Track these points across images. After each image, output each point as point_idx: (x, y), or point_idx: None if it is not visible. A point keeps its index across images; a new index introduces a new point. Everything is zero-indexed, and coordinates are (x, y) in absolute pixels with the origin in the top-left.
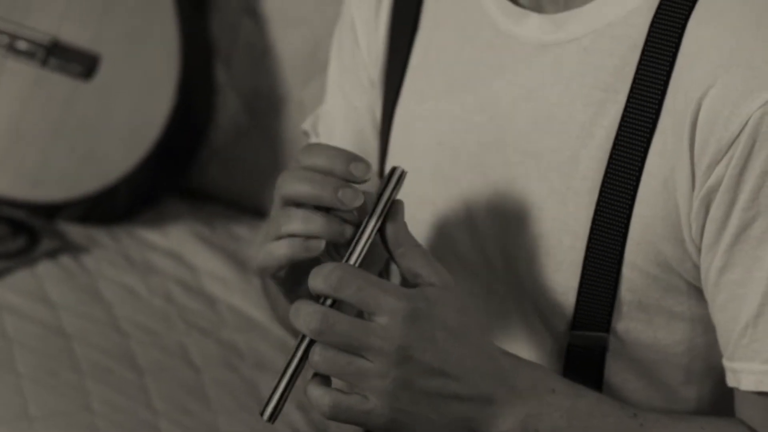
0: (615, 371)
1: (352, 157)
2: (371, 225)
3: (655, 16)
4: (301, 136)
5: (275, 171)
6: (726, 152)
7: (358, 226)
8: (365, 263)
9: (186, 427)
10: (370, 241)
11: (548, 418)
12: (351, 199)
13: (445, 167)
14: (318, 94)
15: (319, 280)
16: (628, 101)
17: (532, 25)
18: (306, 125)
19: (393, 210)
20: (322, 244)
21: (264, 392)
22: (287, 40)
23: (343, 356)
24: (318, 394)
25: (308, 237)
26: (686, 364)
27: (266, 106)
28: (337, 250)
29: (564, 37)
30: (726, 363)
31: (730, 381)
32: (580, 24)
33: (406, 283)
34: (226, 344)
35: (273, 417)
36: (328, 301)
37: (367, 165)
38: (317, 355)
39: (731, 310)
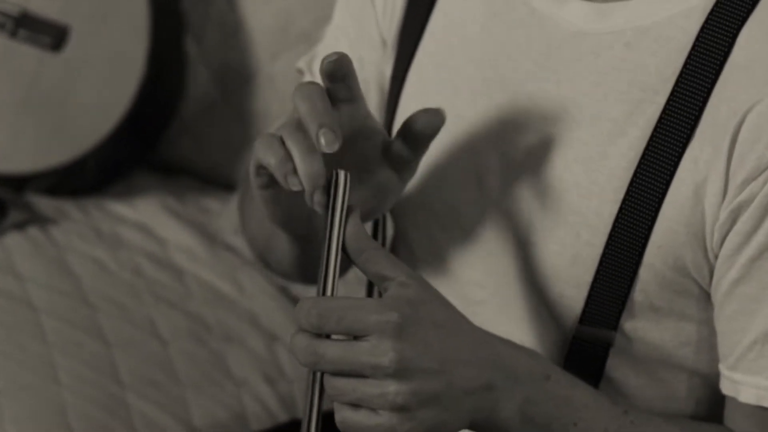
0: (616, 367)
1: (324, 122)
2: (334, 241)
3: (706, 22)
4: (272, 109)
5: (245, 144)
6: (764, 171)
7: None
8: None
9: (153, 399)
10: (338, 257)
11: (544, 406)
12: (329, 142)
13: (460, 140)
14: (288, 68)
15: (302, 320)
16: (667, 104)
17: (574, 10)
18: (301, 63)
19: (348, 217)
20: (297, 183)
21: (232, 367)
22: (258, 14)
23: (346, 382)
24: (335, 409)
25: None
26: (689, 365)
27: (237, 80)
28: None
29: (605, 28)
30: (725, 371)
31: (726, 389)
32: (624, 17)
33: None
34: (194, 317)
35: None
36: None
37: (336, 136)
38: (328, 387)
39: (740, 322)
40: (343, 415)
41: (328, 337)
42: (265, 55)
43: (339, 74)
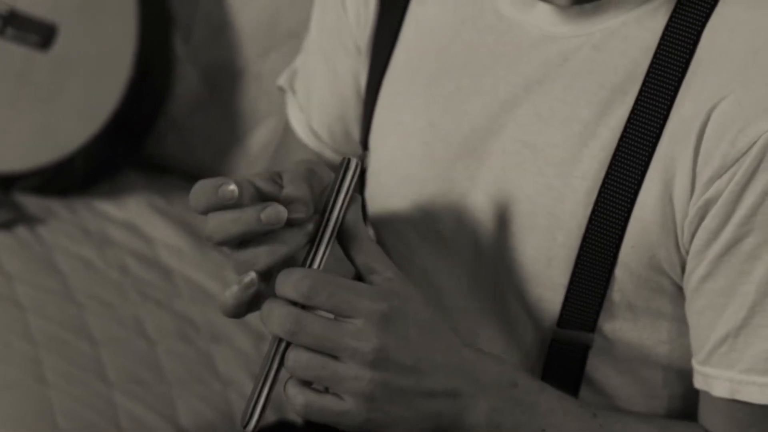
0: (597, 367)
1: (217, 182)
2: (332, 222)
3: (670, 20)
4: (260, 107)
5: (233, 143)
6: (730, 167)
7: (316, 226)
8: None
9: (140, 398)
10: (333, 238)
11: (510, 413)
12: (276, 216)
13: (436, 149)
14: (277, 65)
15: (288, 287)
16: (636, 104)
17: (540, 14)
18: (282, 81)
19: (350, 204)
20: (254, 276)
21: (219, 365)
22: (246, 12)
23: (318, 359)
24: (293, 393)
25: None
26: (668, 363)
27: (224, 79)
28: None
29: (573, 31)
30: (697, 366)
31: (699, 384)
32: (591, 20)
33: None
34: (181, 316)
35: (256, 428)
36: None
37: (230, 181)
38: (291, 359)
39: (709, 317)
40: (307, 399)
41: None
42: (253, 53)
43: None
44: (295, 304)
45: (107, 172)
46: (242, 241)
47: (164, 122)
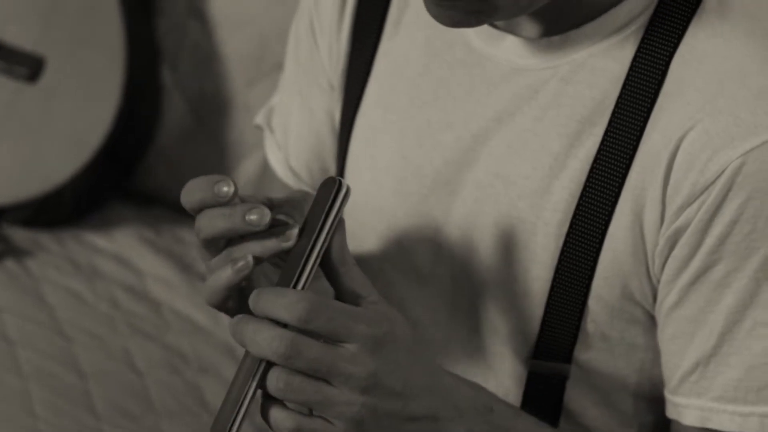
0: (575, 398)
1: (215, 180)
2: (319, 244)
3: (638, 51)
4: (248, 138)
5: (222, 173)
6: (699, 196)
7: (302, 247)
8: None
9: (129, 430)
10: (318, 261)
11: None
12: (259, 219)
13: (410, 182)
14: (264, 96)
15: (280, 309)
16: (605, 135)
17: (509, 47)
18: (259, 119)
19: (337, 228)
20: (250, 258)
21: (208, 397)
22: (233, 42)
23: (311, 383)
24: (280, 417)
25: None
26: (643, 392)
27: (212, 108)
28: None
29: (541, 64)
30: (668, 395)
31: (670, 413)
32: (560, 52)
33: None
34: (171, 348)
35: None
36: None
37: (230, 182)
38: (281, 381)
39: (678, 345)
40: (298, 423)
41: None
42: (241, 83)
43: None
44: (283, 325)
45: (96, 204)
46: (227, 243)
47: (152, 153)
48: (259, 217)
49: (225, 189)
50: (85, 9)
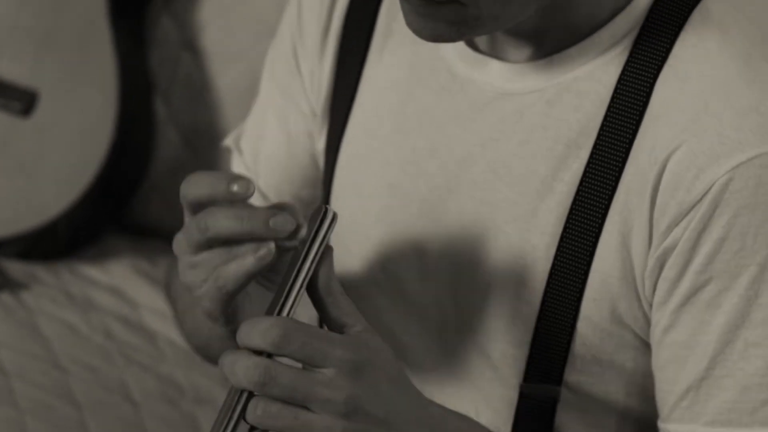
0: (565, 422)
1: (230, 178)
2: (304, 271)
3: (623, 73)
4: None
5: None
6: (686, 215)
7: (288, 275)
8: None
9: None
10: (303, 288)
11: None
12: (283, 224)
13: (396, 210)
14: None
15: (255, 336)
16: (591, 157)
17: (493, 72)
18: (228, 141)
19: (324, 255)
20: (272, 247)
21: (204, 427)
22: (226, 74)
23: (290, 409)
24: None
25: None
26: (637, 416)
27: (206, 141)
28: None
29: (526, 88)
30: (660, 425)
31: None
32: (544, 75)
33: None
34: (166, 379)
35: None
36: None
37: (248, 181)
38: (260, 409)
39: (671, 371)
40: None
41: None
42: (234, 115)
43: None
44: (260, 354)
45: (91, 237)
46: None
47: (146, 185)
48: (283, 221)
49: (242, 191)
50: (78, 42)
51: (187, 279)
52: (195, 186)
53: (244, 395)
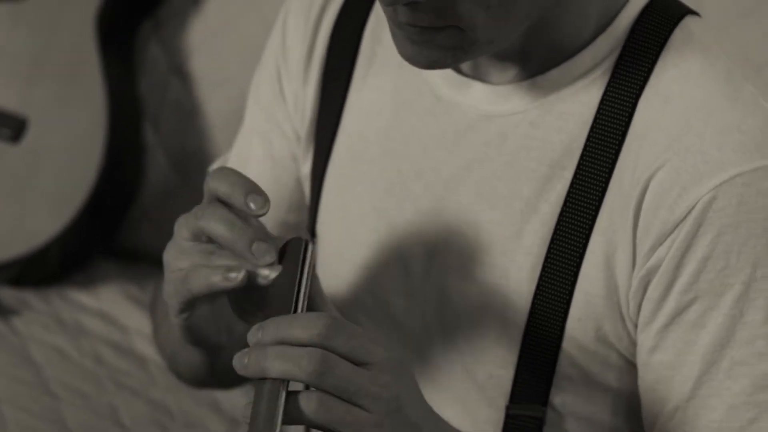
0: None
1: (251, 189)
2: (301, 302)
3: (605, 94)
4: None
5: None
6: (669, 235)
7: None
8: None
9: None
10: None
11: None
12: (262, 254)
13: (382, 233)
14: None
15: (298, 328)
16: (574, 178)
17: (476, 94)
18: (215, 166)
19: (313, 285)
20: (242, 275)
21: None
22: (215, 99)
23: (342, 404)
24: None
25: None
26: None
27: (195, 165)
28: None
29: (510, 109)
30: None
31: None
32: (528, 97)
33: None
34: (156, 404)
35: None
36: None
37: (265, 199)
38: (314, 402)
39: (657, 391)
40: None
41: None
42: (223, 140)
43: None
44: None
45: (81, 262)
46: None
47: (136, 210)
48: (264, 251)
49: (256, 209)
50: (67, 68)
51: (168, 257)
52: (218, 180)
53: (284, 392)
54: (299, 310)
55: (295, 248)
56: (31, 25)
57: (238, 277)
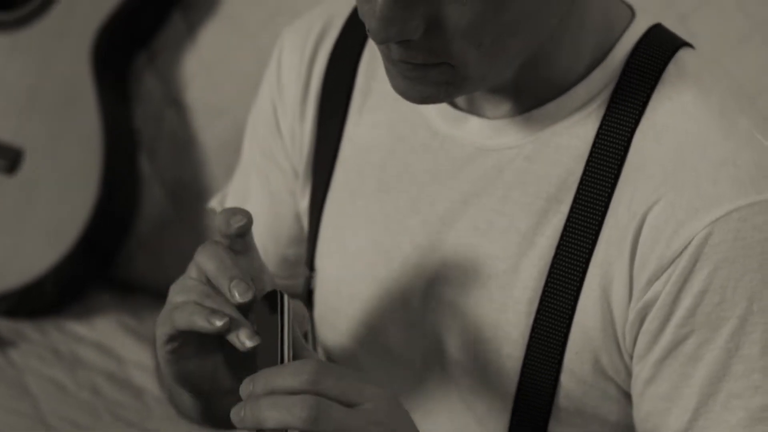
0: None
1: (235, 275)
2: (286, 353)
3: (600, 128)
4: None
5: None
6: (666, 269)
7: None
8: None
9: None
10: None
11: None
12: (238, 294)
13: (380, 268)
14: None
15: (287, 377)
16: (571, 212)
17: (472, 129)
18: (213, 203)
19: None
20: (224, 322)
21: None
22: (210, 130)
23: None
24: None
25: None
26: None
27: (191, 196)
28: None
29: (505, 144)
30: None
31: None
32: (523, 131)
33: None
34: None
35: None
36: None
37: (248, 287)
38: None
39: (653, 423)
40: None
41: None
42: (218, 171)
43: (242, 231)
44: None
45: (77, 293)
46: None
47: (132, 241)
48: (241, 292)
49: (239, 296)
50: (63, 100)
51: (171, 290)
52: (207, 258)
53: None
54: (285, 359)
55: (273, 301)
56: (27, 57)
57: (218, 323)
